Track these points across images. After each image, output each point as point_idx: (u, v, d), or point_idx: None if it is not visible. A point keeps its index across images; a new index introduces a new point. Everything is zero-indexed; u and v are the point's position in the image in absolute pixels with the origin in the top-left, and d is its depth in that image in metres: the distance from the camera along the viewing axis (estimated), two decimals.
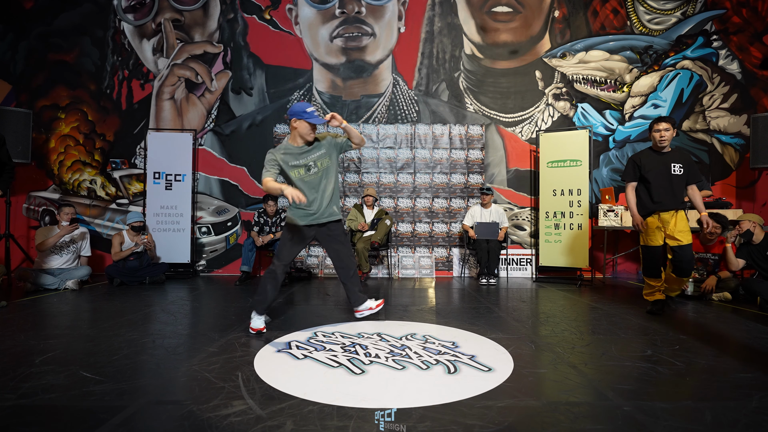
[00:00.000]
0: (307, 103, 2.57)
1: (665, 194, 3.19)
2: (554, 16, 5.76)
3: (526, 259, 5.61)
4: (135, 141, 5.73)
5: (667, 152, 3.25)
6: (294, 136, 2.63)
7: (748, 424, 1.50)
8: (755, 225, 3.78)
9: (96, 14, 5.77)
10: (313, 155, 2.64)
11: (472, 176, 5.70)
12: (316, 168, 2.64)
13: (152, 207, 5.38)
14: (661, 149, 3.25)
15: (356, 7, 5.75)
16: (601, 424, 1.48)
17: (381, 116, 5.79)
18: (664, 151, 3.25)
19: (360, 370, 1.99)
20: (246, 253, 4.84)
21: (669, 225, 3.19)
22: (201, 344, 2.41)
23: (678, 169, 3.17)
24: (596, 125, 5.65)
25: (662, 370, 2.03)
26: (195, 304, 3.73)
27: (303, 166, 2.62)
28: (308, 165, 2.62)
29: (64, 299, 3.78)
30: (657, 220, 3.24)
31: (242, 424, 1.46)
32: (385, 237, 5.08)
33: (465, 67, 5.80)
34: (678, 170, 3.17)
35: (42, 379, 1.85)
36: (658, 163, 3.23)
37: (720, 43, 5.59)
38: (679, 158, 3.21)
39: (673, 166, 3.18)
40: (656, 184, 3.22)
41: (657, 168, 3.23)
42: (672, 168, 3.18)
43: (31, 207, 5.70)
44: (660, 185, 3.21)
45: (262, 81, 5.78)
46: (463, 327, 2.83)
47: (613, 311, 3.39)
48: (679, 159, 3.21)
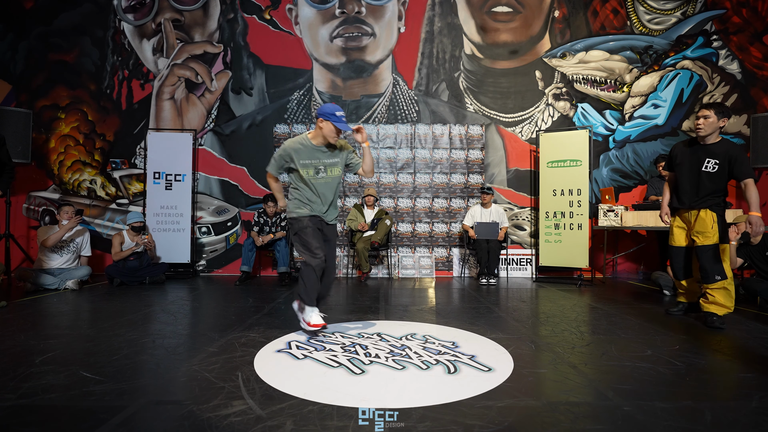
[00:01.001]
0: (338, 107, 2.55)
1: (687, 192, 2.94)
2: (554, 16, 5.76)
3: (526, 259, 5.61)
4: (135, 141, 5.73)
5: (706, 144, 2.90)
6: (317, 134, 2.60)
7: (748, 424, 1.50)
8: None
9: (96, 14, 5.77)
10: (326, 160, 2.62)
11: (472, 176, 5.70)
12: (325, 173, 2.63)
13: (152, 207, 5.38)
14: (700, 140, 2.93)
15: (356, 7, 5.75)
16: (601, 424, 1.48)
17: (381, 116, 5.79)
18: (704, 143, 2.91)
19: (360, 370, 1.99)
20: (246, 253, 4.84)
21: (690, 225, 3.00)
22: (201, 344, 2.41)
23: (712, 165, 2.83)
24: (596, 125, 5.65)
25: (662, 370, 2.03)
26: (195, 304, 3.73)
27: (313, 167, 2.60)
28: (318, 167, 2.61)
29: (64, 299, 3.78)
30: (679, 219, 3.07)
31: (242, 424, 1.46)
32: (385, 237, 5.08)
33: (465, 67, 5.80)
34: (711, 167, 2.83)
35: (42, 379, 1.85)
36: (689, 155, 2.95)
37: (720, 43, 5.59)
38: (718, 153, 2.83)
39: (707, 162, 2.84)
40: (682, 179, 2.98)
41: (686, 161, 2.96)
42: (704, 163, 2.86)
43: (31, 207, 5.70)
44: (686, 181, 2.96)
45: (262, 81, 5.78)
46: (463, 327, 2.83)
47: (613, 311, 3.39)
48: (718, 154, 2.83)
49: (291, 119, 5.74)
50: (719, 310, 2.90)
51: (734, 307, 2.93)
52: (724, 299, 2.88)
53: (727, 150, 2.82)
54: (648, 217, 4.66)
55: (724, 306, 2.89)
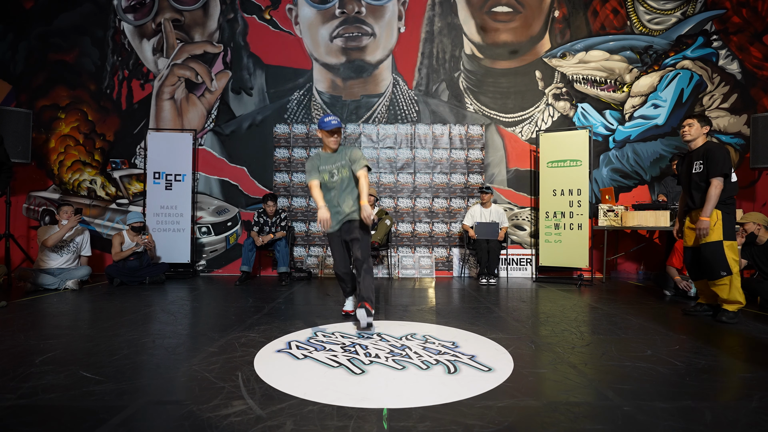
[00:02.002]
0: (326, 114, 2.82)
1: (687, 195, 3.13)
2: (554, 16, 5.76)
3: (526, 259, 5.61)
4: (135, 141, 5.73)
5: (694, 150, 3.09)
6: (323, 145, 2.94)
7: (748, 424, 1.50)
8: (760, 227, 3.72)
9: (96, 14, 5.77)
10: (337, 163, 2.88)
11: (472, 176, 5.70)
12: (338, 175, 2.87)
13: (152, 207, 5.38)
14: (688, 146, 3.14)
15: (356, 7, 5.75)
16: (601, 424, 1.48)
17: (381, 116, 5.79)
18: (692, 149, 3.11)
19: (360, 370, 1.99)
20: (246, 253, 4.84)
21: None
22: (201, 344, 2.41)
23: (698, 166, 3.00)
24: (596, 125, 5.65)
25: (662, 370, 2.03)
26: (195, 304, 3.73)
27: (328, 172, 2.87)
28: (332, 171, 2.87)
29: (64, 299, 3.78)
30: (688, 221, 3.20)
31: (242, 424, 1.46)
32: (385, 237, 5.08)
33: (465, 67, 5.80)
34: (698, 167, 3.00)
35: (42, 379, 1.85)
36: (686, 162, 3.15)
37: (720, 43, 5.59)
38: (702, 154, 3.00)
39: (696, 165, 3.02)
40: (683, 183, 3.17)
41: (684, 169, 3.15)
42: (693, 166, 3.04)
43: (31, 207, 5.70)
44: (684, 186, 3.15)
45: (262, 81, 5.78)
46: (463, 327, 2.83)
47: (613, 311, 3.39)
48: (701, 155, 3.00)
49: (291, 119, 5.74)
50: (730, 306, 2.99)
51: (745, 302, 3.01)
52: (727, 295, 2.96)
53: (706, 150, 3.00)
54: (648, 217, 4.66)
55: (734, 302, 2.97)
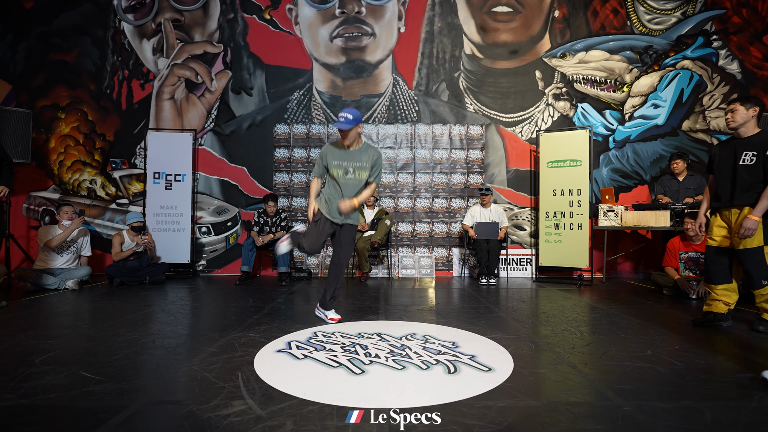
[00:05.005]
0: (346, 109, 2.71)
1: (726, 188, 2.77)
2: (554, 16, 5.76)
3: (526, 259, 5.60)
4: (135, 141, 5.73)
5: (743, 138, 2.73)
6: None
7: (748, 424, 1.50)
8: None
9: (96, 14, 5.77)
10: (354, 162, 2.82)
11: (472, 176, 5.69)
12: (353, 175, 2.83)
13: (152, 207, 5.38)
14: (736, 134, 2.78)
15: (356, 7, 5.75)
16: (601, 424, 1.48)
17: (381, 116, 5.79)
18: (740, 137, 2.75)
19: (360, 370, 1.99)
20: (246, 253, 4.84)
21: (732, 225, 2.77)
22: (201, 344, 2.41)
23: (750, 157, 2.64)
24: (596, 125, 5.65)
25: (662, 370, 2.03)
26: (195, 304, 3.73)
27: (342, 168, 2.83)
28: (347, 169, 2.82)
29: (64, 299, 3.78)
30: (719, 218, 2.87)
31: (242, 424, 1.46)
32: (385, 237, 5.08)
33: (465, 67, 5.80)
34: (749, 159, 2.64)
35: (42, 379, 1.85)
36: (726, 151, 2.79)
37: (720, 43, 5.59)
38: (756, 144, 2.64)
39: (745, 155, 2.66)
40: (720, 176, 2.81)
41: (723, 157, 2.80)
42: (741, 156, 2.68)
43: (31, 207, 5.70)
44: (722, 177, 2.80)
45: (262, 81, 5.78)
46: (463, 327, 2.83)
47: (613, 311, 3.39)
48: (756, 145, 2.64)
49: (291, 119, 5.74)
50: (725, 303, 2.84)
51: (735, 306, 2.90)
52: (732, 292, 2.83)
53: (764, 141, 2.65)
54: (648, 217, 4.66)
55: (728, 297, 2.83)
